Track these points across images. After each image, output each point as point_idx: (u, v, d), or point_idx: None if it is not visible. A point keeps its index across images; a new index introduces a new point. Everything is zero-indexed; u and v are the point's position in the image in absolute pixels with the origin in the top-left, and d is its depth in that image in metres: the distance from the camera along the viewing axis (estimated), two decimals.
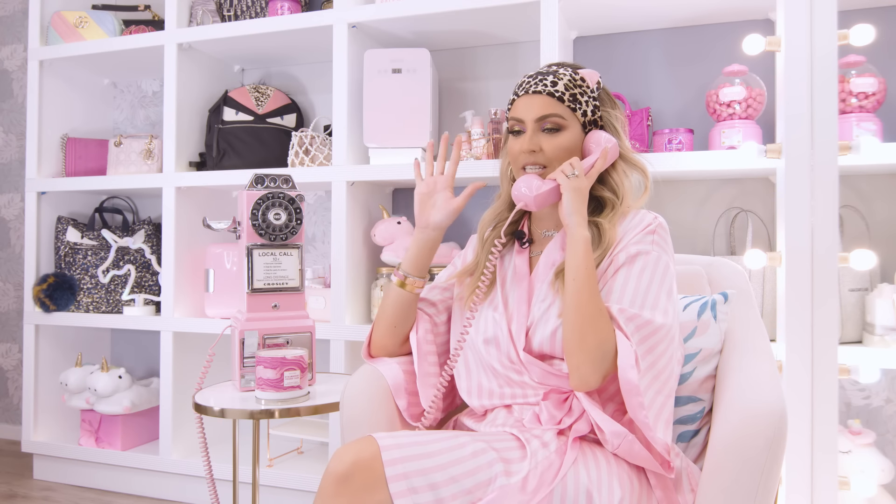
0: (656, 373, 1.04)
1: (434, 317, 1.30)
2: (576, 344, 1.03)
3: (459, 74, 2.27)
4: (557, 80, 1.16)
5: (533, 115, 1.16)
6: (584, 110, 1.17)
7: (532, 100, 1.17)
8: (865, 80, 1.66)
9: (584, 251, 1.06)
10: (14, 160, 2.93)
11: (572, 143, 1.17)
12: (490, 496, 0.95)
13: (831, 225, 1.53)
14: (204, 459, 1.52)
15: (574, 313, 1.04)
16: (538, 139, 1.16)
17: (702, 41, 2.01)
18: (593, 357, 1.02)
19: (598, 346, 1.02)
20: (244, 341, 1.49)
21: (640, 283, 1.08)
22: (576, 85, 1.17)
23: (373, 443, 0.97)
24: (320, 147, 2.16)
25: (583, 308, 1.03)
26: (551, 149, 1.16)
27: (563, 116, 1.16)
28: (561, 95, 1.16)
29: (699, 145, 1.94)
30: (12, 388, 2.92)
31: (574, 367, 1.04)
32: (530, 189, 1.13)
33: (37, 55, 2.43)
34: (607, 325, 1.04)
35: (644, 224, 1.14)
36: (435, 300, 1.31)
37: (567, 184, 1.11)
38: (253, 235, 1.52)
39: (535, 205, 1.14)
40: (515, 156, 1.19)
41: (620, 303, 1.06)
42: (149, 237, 2.46)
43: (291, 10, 2.21)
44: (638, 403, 1.01)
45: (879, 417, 1.84)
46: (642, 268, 1.09)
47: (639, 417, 1.02)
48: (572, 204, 1.10)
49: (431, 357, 1.26)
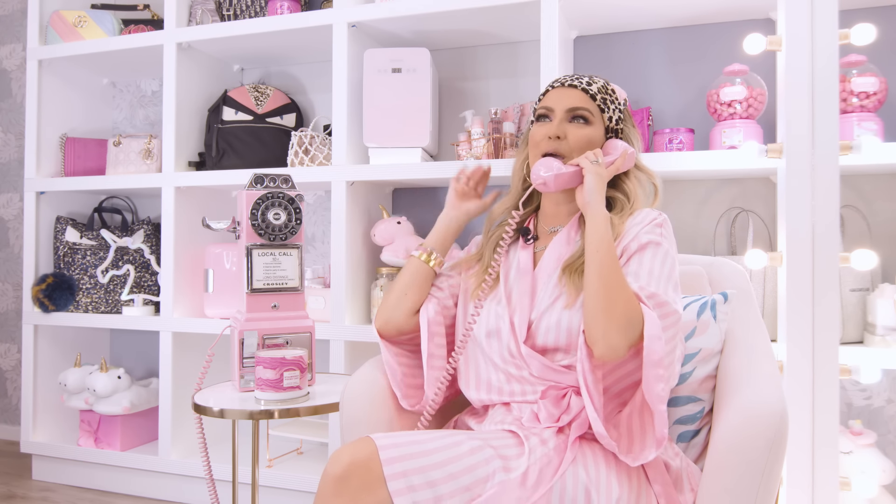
0: (670, 349, 1.05)
1: (443, 300, 1.31)
2: (603, 312, 1.03)
3: (459, 74, 2.26)
4: (592, 82, 1.23)
5: (564, 105, 1.21)
6: (610, 116, 1.23)
7: (567, 91, 1.22)
8: (866, 80, 1.66)
9: (606, 227, 1.10)
10: (13, 160, 2.93)
11: (595, 139, 1.22)
12: (490, 492, 0.96)
13: (832, 225, 1.53)
14: (203, 460, 1.52)
15: (600, 283, 1.05)
16: (564, 127, 1.21)
17: (702, 41, 2.01)
18: (622, 324, 1.03)
19: (626, 313, 1.03)
20: (243, 341, 1.49)
21: (654, 269, 1.11)
22: (607, 92, 1.24)
23: (370, 443, 0.97)
24: (320, 147, 2.15)
25: (609, 277, 1.05)
26: (575, 138, 1.20)
27: (592, 112, 1.22)
28: (594, 94, 1.22)
29: (700, 145, 1.93)
30: (11, 389, 2.92)
31: (601, 336, 1.03)
32: (550, 169, 1.16)
33: (36, 55, 2.43)
34: (632, 295, 1.05)
35: (650, 218, 1.17)
36: (442, 285, 1.32)
37: (590, 168, 1.15)
38: (252, 235, 1.52)
39: (556, 185, 1.16)
40: (537, 141, 1.22)
41: (639, 282, 1.08)
42: (148, 237, 2.46)
43: (291, 10, 2.21)
44: (657, 376, 1.01)
45: (880, 418, 1.84)
46: (653, 255, 1.12)
47: (655, 390, 1.01)
48: (594, 185, 1.14)
49: (439, 339, 1.28)
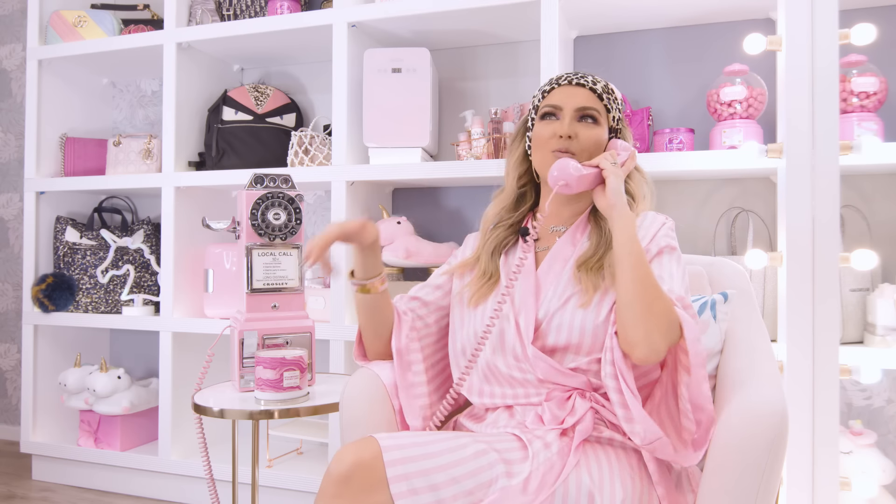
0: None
1: (425, 317, 1.29)
2: (643, 313, 1.03)
3: (459, 74, 2.26)
4: (597, 81, 1.23)
5: (574, 104, 1.20)
6: (613, 115, 1.24)
7: (574, 90, 1.21)
8: (867, 80, 1.66)
9: (634, 228, 1.09)
10: (13, 160, 2.92)
11: (602, 139, 1.22)
12: (491, 497, 0.95)
13: (832, 225, 1.53)
14: (203, 460, 1.51)
15: (637, 285, 1.04)
16: (575, 127, 1.20)
17: (702, 40, 2.01)
18: (663, 325, 1.03)
19: (666, 313, 1.03)
20: (243, 341, 1.49)
21: (674, 274, 1.12)
22: (609, 91, 1.24)
23: (374, 443, 0.97)
24: (320, 147, 2.15)
25: (645, 280, 1.05)
26: (586, 138, 1.20)
27: (599, 112, 1.21)
28: (600, 94, 1.22)
29: (700, 145, 1.93)
30: (11, 389, 2.92)
31: (643, 338, 1.02)
32: (570, 170, 1.14)
33: (35, 54, 2.42)
34: (668, 298, 1.05)
35: (660, 222, 1.19)
36: (428, 299, 1.30)
37: (612, 169, 1.14)
38: (252, 235, 1.52)
39: (577, 187, 1.15)
40: (545, 140, 1.21)
41: (665, 285, 1.09)
42: (148, 237, 2.46)
43: (291, 10, 2.21)
44: (702, 377, 1.02)
45: (881, 418, 1.84)
46: (670, 260, 1.14)
47: (704, 391, 1.02)
48: (618, 188, 1.13)
49: (417, 366, 1.25)
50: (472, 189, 2.24)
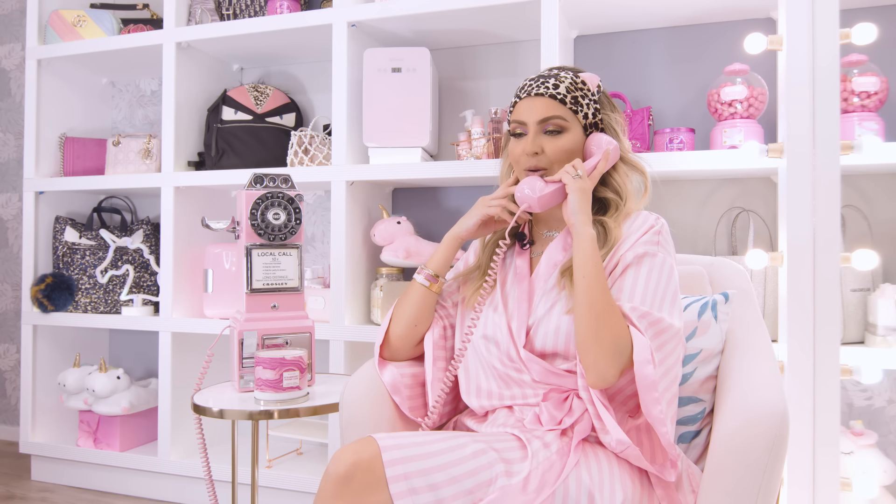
0: (666, 370, 1.04)
1: (448, 319, 1.30)
2: (591, 340, 1.03)
3: (459, 74, 2.26)
4: (559, 82, 1.17)
5: (535, 117, 1.17)
6: (585, 113, 1.18)
7: (534, 102, 1.17)
8: (867, 80, 1.66)
9: (592, 249, 1.07)
10: (12, 160, 2.92)
11: (574, 145, 1.18)
12: (491, 496, 0.95)
13: (833, 225, 1.52)
14: (203, 460, 1.51)
15: (587, 310, 1.04)
16: (540, 141, 1.17)
17: (703, 40, 2.01)
18: (610, 353, 1.02)
19: (614, 341, 1.02)
20: (243, 342, 1.49)
21: (649, 284, 1.08)
22: (577, 88, 1.18)
23: (373, 443, 0.97)
24: (319, 146, 2.15)
25: (595, 305, 1.04)
26: (553, 151, 1.17)
27: (564, 118, 1.17)
28: (563, 98, 1.17)
29: (700, 145, 1.93)
30: (10, 389, 2.91)
31: (591, 364, 1.03)
32: (534, 191, 1.14)
33: (35, 54, 2.42)
34: (621, 321, 1.04)
35: (648, 225, 1.15)
36: (446, 303, 1.31)
37: (573, 184, 1.12)
38: (252, 235, 1.51)
39: (540, 206, 1.14)
40: (517, 158, 1.20)
41: (632, 301, 1.07)
42: (147, 237, 2.45)
43: (290, 9, 2.21)
44: (653, 399, 1.01)
45: (881, 418, 1.84)
46: (650, 269, 1.10)
47: (653, 413, 1.01)
48: (578, 203, 1.11)
49: (441, 363, 1.26)
50: (472, 189, 2.23)
